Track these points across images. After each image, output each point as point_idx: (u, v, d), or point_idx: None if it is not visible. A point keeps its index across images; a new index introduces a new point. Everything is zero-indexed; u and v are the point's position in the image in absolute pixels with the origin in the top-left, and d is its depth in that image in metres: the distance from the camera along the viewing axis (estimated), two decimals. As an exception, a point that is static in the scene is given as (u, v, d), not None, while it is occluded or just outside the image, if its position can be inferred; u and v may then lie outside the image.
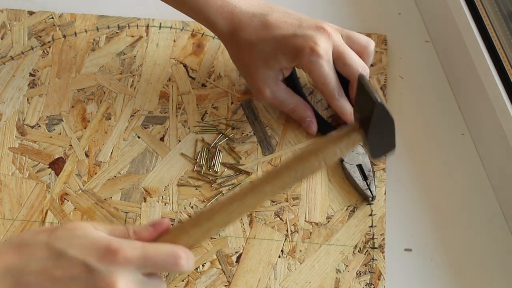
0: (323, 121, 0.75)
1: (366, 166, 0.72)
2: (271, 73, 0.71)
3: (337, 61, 0.70)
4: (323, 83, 0.70)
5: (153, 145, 0.74)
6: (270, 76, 0.71)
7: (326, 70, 0.69)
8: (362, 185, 0.71)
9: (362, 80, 0.58)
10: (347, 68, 0.70)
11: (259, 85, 0.72)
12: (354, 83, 0.71)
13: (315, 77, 0.70)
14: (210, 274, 0.67)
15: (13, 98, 0.77)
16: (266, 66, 0.70)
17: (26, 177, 0.72)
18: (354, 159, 0.72)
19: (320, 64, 0.69)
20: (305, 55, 0.68)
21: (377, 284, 0.66)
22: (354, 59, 0.70)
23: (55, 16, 0.82)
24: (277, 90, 0.72)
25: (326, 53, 0.69)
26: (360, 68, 0.70)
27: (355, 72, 0.70)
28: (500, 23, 0.75)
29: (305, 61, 0.68)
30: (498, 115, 0.70)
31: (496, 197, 0.72)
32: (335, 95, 0.71)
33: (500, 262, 0.68)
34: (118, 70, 0.79)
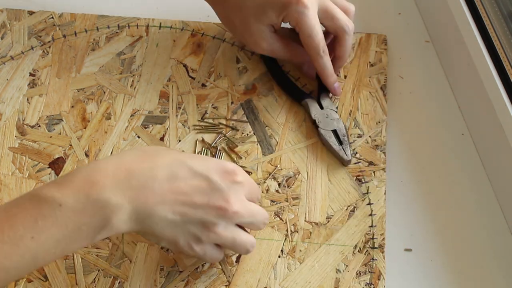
0: (295, 87, 0.77)
1: (341, 131, 0.73)
2: (263, 27, 0.73)
3: (324, 16, 0.73)
4: (310, 34, 0.71)
5: (153, 145, 0.74)
6: (263, 30, 0.73)
7: (313, 21, 0.71)
8: (338, 149, 0.72)
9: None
10: (334, 21, 0.73)
11: (255, 40, 0.74)
12: (341, 38, 0.74)
13: (301, 29, 0.71)
14: (210, 274, 0.67)
15: (13, 98, 0.77)
16: (257, 21, 0.72)
17: (26, 177, 0.72)
18: (329, 124, 0.74)
19: (306, 15, 0.70)
20: (292, 6, 0.70)
21: (377, 284, 0.66)
22: (341, 13, 0.73)
23: (55, 16, 0.82)
24: (273, 41, 0.74)
25: (311, 4, 0.71)
26: (346, 21, 0.73)
27: (343, 25, 0.73)
28: (500, 23, 0.75)
29: (292, 12, 0.70)
30: (498, 115, 0.70)
31: (496, 197, 0.72)
32: (320, 50, 0.73)
33: (500, 262, 0.68)
34: (118, 70, 0.79)
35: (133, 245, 0.68)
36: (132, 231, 0.57)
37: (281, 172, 0.72)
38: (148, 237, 0.59)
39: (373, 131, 0.75)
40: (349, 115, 0.76)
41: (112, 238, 0.68)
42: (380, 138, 0.75)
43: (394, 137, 0.76)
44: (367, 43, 0.81)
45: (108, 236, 0.55)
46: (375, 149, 0.74)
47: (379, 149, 0.74)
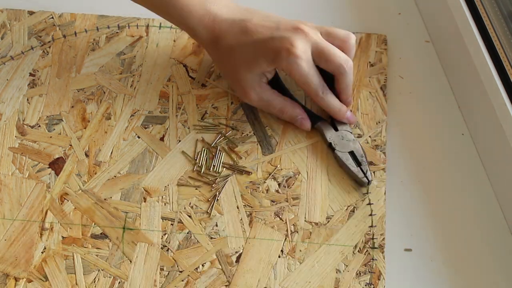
0: (308, 111, 0.75)
1: (358, 152, 0.72)
2: (254, 76, 0.72)
3: (318, 58, 0.71)
4: (304, 82, 0.71)
5: (153, 145, 0.74)
6: (254, 79, 0.72)
7: (306, 69, 0.70)
8: (357, 171, 0.71)
9: None
10: (329, 63, 0.71)
11: (244, 89, 0.73)
12: (339, 78, 0.72)
13: (296, 78, 0.70)
14: (210, 274, 0.67)
15: (13, 98, 0.77)
16: (248, 70, 0.71)
17: (26, 177, 0.72)
18: (345, 146, 0.73)
19: (298, 64, 0.69)
20: (283, 57, 0.69)
21: (377, 284, 0.66)
22: (336, 53, 0.71)
23: (55, 16, 0.82)
24: (262, 92, 0.73)
25: (303, 53, 0.69)
26: (342, 60, 0.71)
27: (338, 65, 0.71)
28: (500, 23, 0.75)
29: (283, 63, 0.69)
30: (498, 115, 0.70)
31: (496, 197, 0.72)
32: (319, 93, 0.72)
33: (500, 262, 0.68)
34: (118, 70, 0.79)
35: (133, 245, 0.68)
36: None
37: (281, 172, 0.72)
38: None
39: (373, 131, 0.75)
40: (349, 116, 0.76)
41: (112, 238, 0.68)
42: (380, 138, 0.75)
43: (394, 137, 0.76)
44: (367, 43, 0.81)
45: None
46: (375, 149, 0.74)
47: (379, 149, 0.74)
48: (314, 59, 0.71)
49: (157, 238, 0.68)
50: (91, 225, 0.69)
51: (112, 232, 0.68)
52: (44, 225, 0.69)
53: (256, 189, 0.71)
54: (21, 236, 0.68)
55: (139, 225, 0.69)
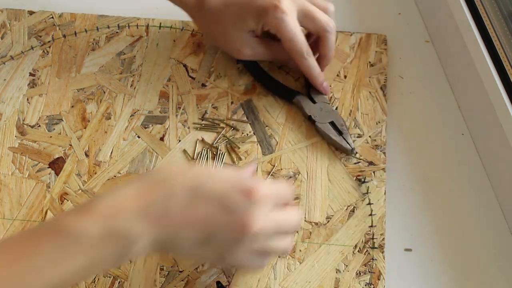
0: (284, 87, 0.77)
1: (338, 121, 0.74)
2: (244, 34, 0.73)
3: (304, 18, 0.72)
4: (291, 39, 0.71)
5: (153, 145, 0.74)
6: (244, 37, 0.73)
7: (292, 26, 0.71)
8: (339, 140, 0.72)
9: None
10: (315, 22, 0.73)
11: (237, 47, 0.74)
12: (324, 38, 0.73)
13: (282, 34, 0.71)
14: (210, 274, 0.67)
15: (13, 98, 0.77)
16: (237, 28, 0.73)
17: (26, 177, 0.72)
18: (325, 117, 0.74)
19: (285, 20, 0.70)
20: (270, 13, 0.70)
21: (377, 284, 0.66)
22: (321, 13, 0.73)
23: (55, 16, 0.82)
24: (255, 45, 0.74)
25: (289, 10, 0.71)
26: (327, 20, 0.73)
27: (324, 24, 0.72)
28: (500, 23, 0.75)
29: (270, 19, 0.70)
30: (498, 115, 0.70)
31: (496, 197, 0.72)
32: (303, 53, 0.73)
33: (500, 262, 0.68)
34: (118, 70, 0.79)
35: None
36: (155, 253, 0.56)
37: (281, 172, 0.72)
38: (176, 255, 0.59)
39: (373, 131, 0.75)
40: (349, 115, 0.76)
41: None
42: (380, 138, 0.75)
43: (394, 137, 0.76)
44: (367, 43, 0.81)
45: (127, 261, 0.55)
46: (375, 149, 0.74)
47: (379, 149, 0.74)
48: (300, 19, 0.72)
49: (157, 238, 0.68)
50: (91, 225, 0.69)
51: (112, 232, 0.68)
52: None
53: (256, 189, 0.71)
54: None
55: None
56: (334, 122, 0.74)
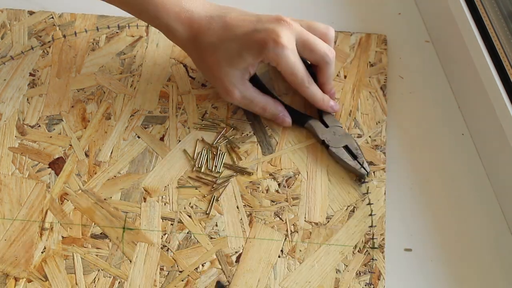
0: (295, 112, 0.75)
1: (352, 145, 0.73)
2: (237, 72, 0.71)
3: (303, 49, 0.71)
4: (291, 73, 0.71)
5: (153, 145, 0.74)
6: (237, 76, 0.71)
7: (293, 59, 0.70)
8: (354, 164, 0.71)
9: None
10: (314, 53, 0.71)
11: (227, 87, 0.72)
12: (323, 68, 0.73)
13: (283, 69, 0.70)
14: (210, 274, 0.67)
15: (13, 98, 0.77)
16: (231, 66, 0.71)
17: (26, 177, 0.72)
18: (339, 141, 0.73)
19: (286, 55, 0.69)
20: (270, 48, 0.69)
21: (377, 284, 0.66)
22: (320, 43, 0.71)
23: (55, 16, 0.82)
24: (245, 90, 0.72)
25: (289, 43, 0.69)
26: (326, 50, 0.72)
27: (323, 55, 0.72)
28: (500, 23, 0.75)
29: (270, 54, 0.69)
30: (498, 115, 0.70)
31: (496, 197, 0.72)
32: (305, 84, 0.72)
33: (500, 262, 0.68)
34: (118, 70, 0.79)
35: (133, 245, 0.68)
36: None
37: (281, 172, 0.72)
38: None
39: (373, 131, 0.75)
40: (349, 115, 0.76)
41: (112, 238, 0.68)
42: (380, 138, 0.75)
43: (394, 137, 0.76)
44: (367, 43, 0.81)
45: None
46: (375, 149, 0.74)
47: (379, 149, 0.74)
48: (298, 49, 0.71)
49: (157, 238, 0.68)
50: (91, 225, 0.69)
51: (112, 232, 0.69)
52: (44, 225, 0.69)
53: (256, 189, 0.71)
54: (21, 236, 0.68)
55: (139, 225, 0.69)
56: (348, 146, 0.73)
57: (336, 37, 0.81)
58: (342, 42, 0.81)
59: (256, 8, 0.74)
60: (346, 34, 0.82)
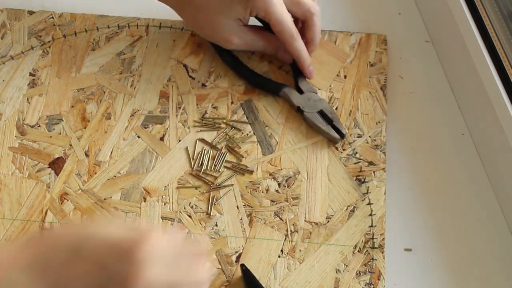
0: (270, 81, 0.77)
1: (327, 110, 0.74)
2: (231, 21, 0.73)
3: (289, 2, 0.73)
4: (280, 21, 0.72)
5: (153, 145, 0.74)
6: (232, 25, 0.74)
7: (280, 7, 0.72)
8: (328, 129, 0.73)
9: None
10: (300, 6, 0.74)
11: (225, 36, 0.74)
12: (310, 20, 0.75)
13: (271, 17, 0.72)
14: (210, 274, 0.66)
15: (13, 98, 0.77)
16: (224, 17, 0.73)
17: (26, 177, 0.72)
18: (313, 107, 0.74)
19: (273, 3, 0.71)
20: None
21: (377, 284, 0.66)
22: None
23: (55, 16, 0.82)
24: (243, 34, 0.75)
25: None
26: (312, 4, 0.74)
27: (309, 7, 0.74)
28: (500, 23, 0.75)
29: (258, 3, 0.71)
30: (498, 115, 0.70)
31: (496, 197, 0.72)
32: (293, 35, 0.74)
33: (500, 262, 0.68)
34: (118, 70, 0.79)
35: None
36: None
37: (281, 172, 0.72)
38: None
39: (373, 131, 0.75)
40: (349, 115, 0.76)
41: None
42: (380, 138, 0.75)
43: (394, 137, 0.76)
44: (367, 43, 0.81)
45: None
46: (375, 149, 0.74)
47: (379, 149, 0.74)
48: (285, 3, 0.73)
49: (157, 238, 0.68)
50: (91, 225, 0.69)
51: (112, 232, 0.68)
52: (44, 225, 0.69)
53: (256, 189, 0.71)
54: (21, 236, 0.68)
55: (139, 225, 0.69)
56: (323, 111, 0.74)
57: (336, 37, 0.81)
58: (342, 42, 0.81)
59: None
60: (346, 34, 0.82)
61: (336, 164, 0.73)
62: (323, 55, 0.80)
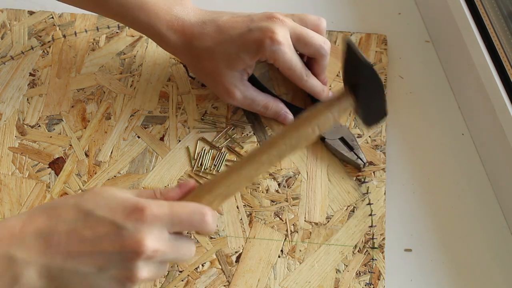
0: (296, 108, 0.76)
1: (349, 137, 0.73)
2: (236, 73, 0.71)
3: (297, 43, 0.71)
4: (289, 68, 0.71)
5: (153, 145, 0.74)
6: (236, 77, 0.72)
7: (289, 55, 0.70)
8: (351, 155, 0.72)
9: (350, 43, 0.58)
10: (309, 46, 0.72)
11: (227, 88, 0.72)
12: (319, 59, 0.73)
13: (281, 65, 0.71)
14: (209, 274, 0.67)
15: (13, 98, 0.77)
16: (230, 67, 0.71)
17: (26, 177, 0.72)
18: (334, 133, 0.73)
19: (283, 51, 0.69)
20: (267, 47, 0.69)
21: (377, 284, 0.66)
22: (314, 36, 0.72)
23: (55, 16, 0.82)
24: (246, 90, 0.73)
25: (285, 39, 0.70)
26: (321, 42, 0.72)
27: (318, 47, 0.72)
28: (500, 23, 0.75)
29: (267, 52, 0.69)
30: (498, 115, 0.70)
31: (496, 197, 0.72)
32: (303, 77, 0.72)
33: (500, 262, 0.68)
34: (118, 70, 0.79)
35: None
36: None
37: (281, 172, 0.72)
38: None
39: (373, 131, 0.75)
40: (349, 115, 0.76)
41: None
42: (380, 138, 0.75)
43: (394, 137, 0.76)
44: (367, 43, 0.81)
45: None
46: (375, 149, 0.74)
47: (379, 149, 0.74)
48: (293, 44, 0.71)
49: (157, 238, 0.68)
50: (91, 225, 0.69)
51: (112, 232, 0.68)
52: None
53: (256, 189, 0.71)
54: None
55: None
56: (344, 138, 0.73)
57: (336, 37, 0.81)
58: (342, 42, 0.81)
59: (256, 9, 0.74)
60: (346, 34, 0.82)
61: (336, 164, 0.73)
62: (323, 55, 0.80)
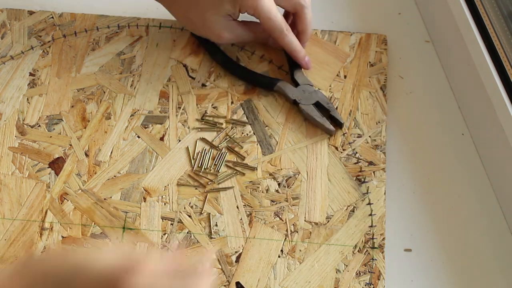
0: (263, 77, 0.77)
1: (323, 100, 0.74)
2: (221, 18, 0.74)
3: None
4: (269, 17, 0.73)
5: (153, 144, 0.74)
6: (222, 21, 0.75)
7: (269, 3, 0.72)
8: (322, 121, 0.73)
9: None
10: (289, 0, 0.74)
11: (216, 32, 0.75)
12: (301, 12, 0.75)
13: (260, 14, 0.72)
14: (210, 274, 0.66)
15: (13, 98, 0.77)
16: (215, 13, 0.74)
17: (26, 177, 0.72)
18: (309, 99, 0.75)
19: (262, 0, 0.71)
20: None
21: (377, 284, 0.66)
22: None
23: (55, 16, 0.82)
24: (234, 28, 0.76)
25: None
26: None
27: (299, 0, 0.74)
28: (500, 23, 0.75)
29: (246, 1, 0.71)
30: (498, 115, 0.70)
31: (496, 197, 0.72)
32: (283, 29, 0.74)
33: (500, 262, 0.68)
34: (118, 70, 0.79)
35: (133, 245, 0.68)
36: None
37: (281, 172, 0.72)
38: None
39: (373, 131, 0.75)
40: (349, 115, 0.76)
41: (112, 238, 0.68)
42: (380, 138, 0.75)
43: (394, 137, 0.75)
44: (367, 43, 0.81)
45: None
46: (375, 149, 0.74)
47: (379, 149, 0.74)
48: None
49: (157, 238, 0.68)
50: (91, 225, 0.69)
51: (112, 232, 0.68)
52: (44, 225, 0.69)
53: (256, 189, 0.71)
54: (21, 236, 0.68)
55: (139, 225, 0.69)
56: (319, 102, 0.74)
57: (336, 37, 0.81)
58: (342, 42, 0.81)
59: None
60: (346, 34, 0.82)
61: (336, 164, 0.73)
62: (323, 55, 0.80)
